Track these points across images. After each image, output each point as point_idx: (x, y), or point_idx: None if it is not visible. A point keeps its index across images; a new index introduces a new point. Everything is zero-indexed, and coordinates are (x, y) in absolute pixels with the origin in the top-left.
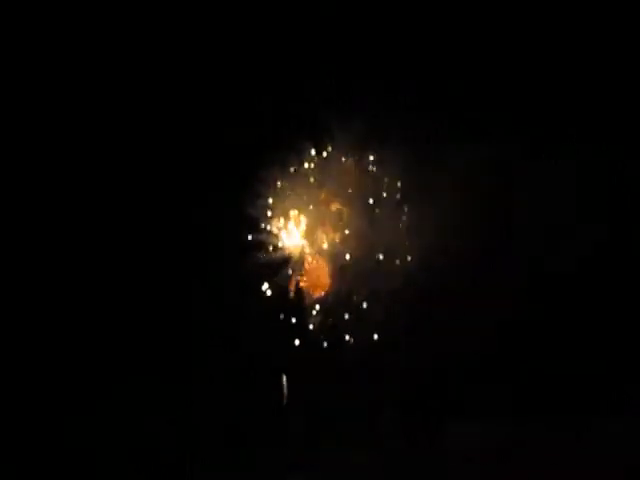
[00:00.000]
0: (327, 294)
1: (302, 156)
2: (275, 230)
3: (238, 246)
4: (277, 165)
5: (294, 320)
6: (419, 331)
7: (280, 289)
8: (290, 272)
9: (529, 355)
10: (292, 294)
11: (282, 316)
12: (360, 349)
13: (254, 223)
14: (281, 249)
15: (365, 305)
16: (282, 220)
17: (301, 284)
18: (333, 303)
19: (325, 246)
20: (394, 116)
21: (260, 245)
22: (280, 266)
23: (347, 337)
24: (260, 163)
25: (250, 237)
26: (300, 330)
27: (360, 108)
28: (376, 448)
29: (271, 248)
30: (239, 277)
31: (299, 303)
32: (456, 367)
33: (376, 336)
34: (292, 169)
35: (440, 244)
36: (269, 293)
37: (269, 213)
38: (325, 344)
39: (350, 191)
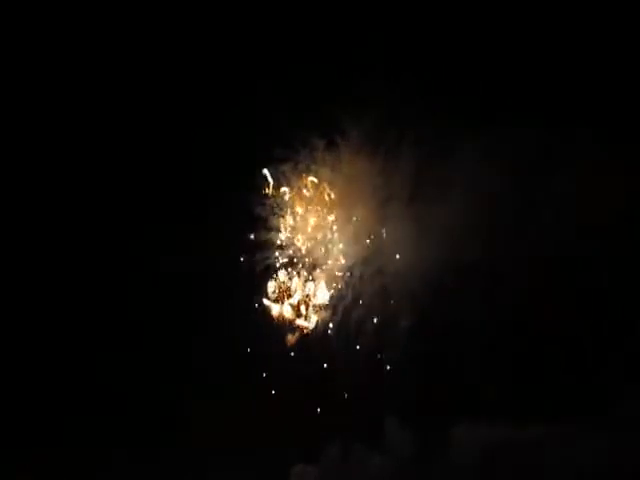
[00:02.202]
0: (335, 294)
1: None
2: (284, 229)
3: (245, 245)
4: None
5: (302, 321)
6: (423, 334)
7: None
8: (298, 272)
9: (530, 359)
10: (300, 293)
11: (289, 316)
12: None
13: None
14: (289, 248)
15: (371, 306)
16: (291, 219)
17: (310, 283)
18: (340, 303)
19: (335, 245)
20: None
21: (268, 244)
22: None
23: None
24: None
25: (256, 236)
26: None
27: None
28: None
29: (279, 247)
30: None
31: (307, 303)
32: (460, 371)
33: (380, 338)
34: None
35: (448, 243)
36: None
37: (278, 212)
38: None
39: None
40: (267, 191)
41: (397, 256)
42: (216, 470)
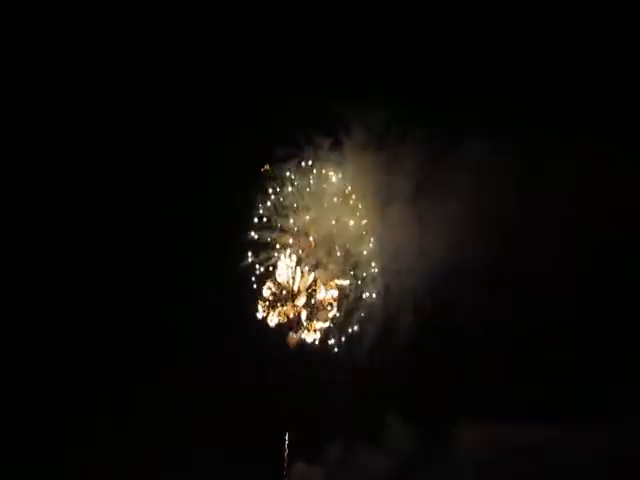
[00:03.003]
0: (338, 292)
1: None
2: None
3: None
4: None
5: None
6: (426, 333)
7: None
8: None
9: (532, 359)
10: (303, 291)
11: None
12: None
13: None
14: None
15: (374, 305)
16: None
17: (313, 281)
18: (344, 302)
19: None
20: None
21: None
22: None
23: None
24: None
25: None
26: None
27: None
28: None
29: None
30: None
31: (309, 301)
32: (463, 371)
33: (385, 337)
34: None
35: (451, 242)
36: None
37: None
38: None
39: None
40: (270, 190)
41: (400, 255)
42: (218, 468)
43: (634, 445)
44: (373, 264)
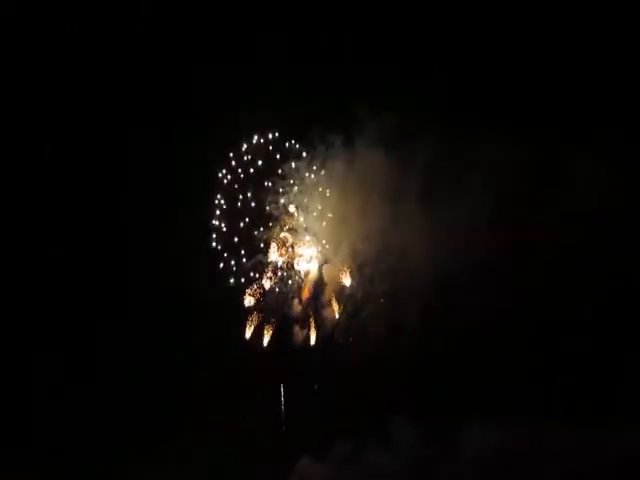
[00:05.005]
0: (344, 291)
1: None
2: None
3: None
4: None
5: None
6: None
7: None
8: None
9: (534, 358)
10: (310, 289)
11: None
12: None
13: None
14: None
15: (379, 304)
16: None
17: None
18: (349, 300)
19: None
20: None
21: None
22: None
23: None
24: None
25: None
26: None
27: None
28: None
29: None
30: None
31: (317, 297)
32: (464, 371)
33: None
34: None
35: (459, 241)
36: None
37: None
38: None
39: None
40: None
41: (407, 254)
42: (223, 467)
43: (636, 445)
44: (380, 262)
